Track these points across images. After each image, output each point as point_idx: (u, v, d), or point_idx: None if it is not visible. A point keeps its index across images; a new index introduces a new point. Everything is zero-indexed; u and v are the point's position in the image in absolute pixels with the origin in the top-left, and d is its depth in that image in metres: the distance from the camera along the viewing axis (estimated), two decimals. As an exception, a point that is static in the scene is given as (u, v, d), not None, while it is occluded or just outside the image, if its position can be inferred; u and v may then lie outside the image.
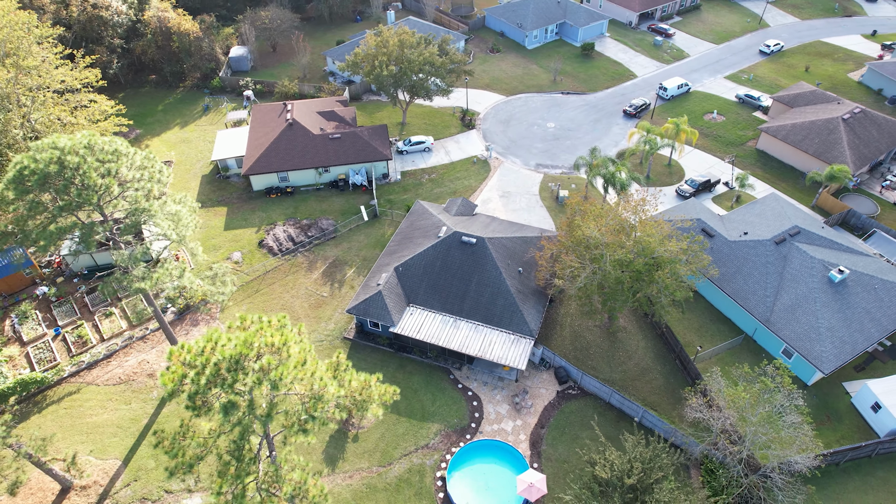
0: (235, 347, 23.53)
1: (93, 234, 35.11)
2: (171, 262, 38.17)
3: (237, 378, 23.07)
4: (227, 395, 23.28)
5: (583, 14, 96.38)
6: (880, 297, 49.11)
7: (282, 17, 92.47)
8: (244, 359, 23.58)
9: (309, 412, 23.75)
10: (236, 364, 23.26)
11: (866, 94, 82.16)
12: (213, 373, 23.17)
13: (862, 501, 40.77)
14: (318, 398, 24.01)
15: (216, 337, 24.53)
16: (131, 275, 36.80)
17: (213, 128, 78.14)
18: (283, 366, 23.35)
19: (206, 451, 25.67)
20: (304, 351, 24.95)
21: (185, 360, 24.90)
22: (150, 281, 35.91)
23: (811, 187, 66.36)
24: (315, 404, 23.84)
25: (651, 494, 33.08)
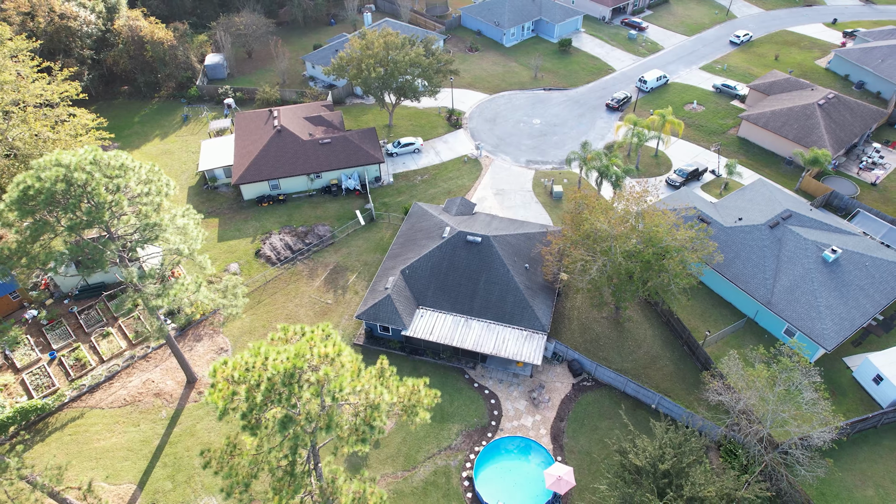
0: (288, 361, 23.04)
1: (106, 253, 33.87)
2: (185, 277, 37.12)
3: (294, 392, 22.61)
4: (283, 410, 22.79)
5: (558, 11, 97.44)
6: (871, 274, 51.07)
7: (256, 22, 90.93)
8: (299, 372, 23.11)
9: (367, 422, 23.43)
10: (291, 378, 22.79)
11: (834, 79, 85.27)
12: (268, 388, 22.65)
13: (873, 470, 42.37)
14: (374, 407, 23.73)
15: (265, 351, 23.99)
16: (145, 293, 35.68)
17: (195, 138, 76.34)
18: (340, 377, 22.99)
19: (258, 468, 25.07)
20: (356, 360, 24.62)
21: (231, 377, 24.29)
22: (168, 297, 34.89)
23: (793, 171, 68.58)
24: (372, 413, 23.54)
25: (686, 478, 33.73)
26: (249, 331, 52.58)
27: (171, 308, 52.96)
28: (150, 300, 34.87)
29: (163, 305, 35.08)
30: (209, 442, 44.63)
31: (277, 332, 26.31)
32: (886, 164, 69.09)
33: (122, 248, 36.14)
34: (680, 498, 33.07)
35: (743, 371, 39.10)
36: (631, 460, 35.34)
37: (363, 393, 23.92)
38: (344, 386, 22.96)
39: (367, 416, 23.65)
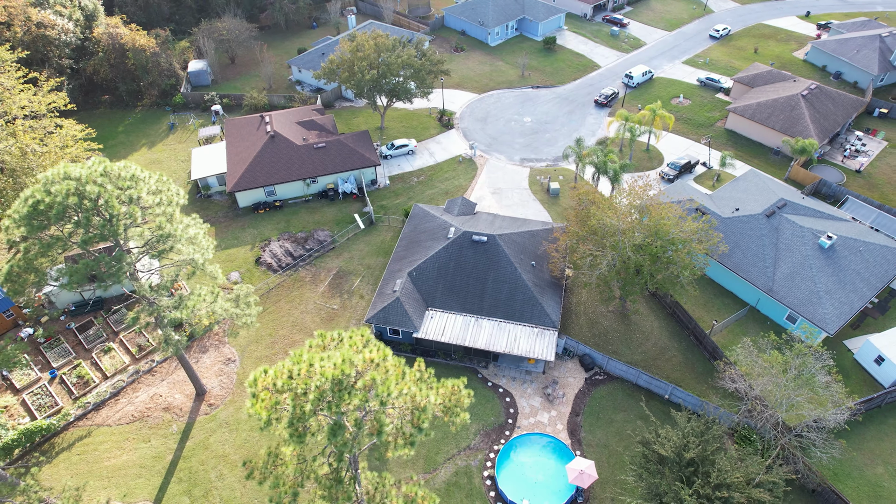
0: (336, 367, 22.80)
1: (123, 267, 33.05)
2: (200, 288, 36.47)
3: (343, 398, 22.39)
4: (333, 417, 22.56)
5: (541, 9, 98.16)
6: (866, 259, 52.56)
7: (239, 27, 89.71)
8: (346, 378, 22.89)
9: (416, 424, 23.33)
10: (339, 384, 22.57)
11: (812, 71, 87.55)
12: (317, 396, 22.38)
13: (880, 449, 43.64)
14: (422, 409, 23.64)
15: (309, 358, 23.70)
16: (159, 305, 34.95)
17: (183, 146, 75.01)
18: (388, 381, 22.84)
19: (304, 478, 24.76)
20: (399, 363, 24.51)
21: (272, 386, 23.97)
22: (187, 309, 34.23)
23: (781, 161, 70.23)
24: (420, 415, 23.45)
25: (712, 465, 34.31)
26: (256, 340, 51.88)
27: (183, 320, 52.35)
28: (168, 313, 34.14)
29: (182, 318, 34.39)
30: (224, 454, 43.93)
31: (315, 338, 25.98)
32: (869, 152, 71.18)
33: (134, 260, 35.34)
34: (707, 485, 33.62)
35: (757, 358, 39.89)
36: (656, 450, 35.80)
37: (408, 395, 23.80)
38: (392, 390, 22.82)
39: (414, 419, 23.54)
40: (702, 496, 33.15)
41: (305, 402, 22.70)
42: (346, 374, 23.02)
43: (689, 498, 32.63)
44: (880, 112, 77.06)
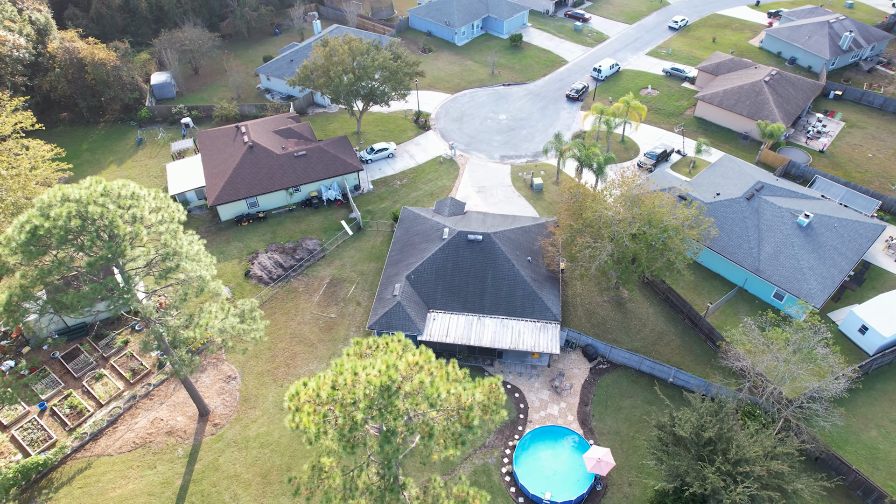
0: (382, 374, 22.61)
1: (132, 288, 31.84)
2: (212, 305, 35.51)
3: (394, 404, 22.23)
4: (384, 424, 22.37)
5: (505, 7, 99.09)
6: (841, 234, 55.17)
7: (201, 37, 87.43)
8: (394, 383, 22.73)
9: (466, 423, 23.36)
10: (388, 390, 22.39)
11: (768, 57, 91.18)
12: (368, 404, 22.15)
13: (872, 413, 45.91)
14: (469, 408, 23.68)
15: (352, 367, 23.43)
16: (170, 326, 33.87)
17: (155, 162, 72.72)
18: (435, 383, 22.79)
19: (353, 488, 24.43)
20: (441, 365, 24.47)
21: (317, 398, 23.60)
22: (200, 328, 33.26)
23: (750, 145, 72.93)
24: (468, 414, 23.50)
25: (729, 443, 35.43)
26: (255, 355, 50.78)
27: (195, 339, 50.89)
28: (179, 333, 33.11)
29: (195, 337, 33.40)
30: (236, 474, 42.88)
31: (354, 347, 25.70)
32: (830, 132, 74.63)
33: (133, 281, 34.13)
34: (727, 462, 34.72)
35: (760, 335, 41.41)
36: (676, 432, 36.75)
37: (454, 395, 23.81)
38: (440, 391, 22.79)
39: (462, 418, 23.56)
40: (724, 473, 34.20)
41: (356, 411, 22.44)
42: (393, 379, 22.87)
43: (713, 476, 33.62)
44: (835, 94, 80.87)
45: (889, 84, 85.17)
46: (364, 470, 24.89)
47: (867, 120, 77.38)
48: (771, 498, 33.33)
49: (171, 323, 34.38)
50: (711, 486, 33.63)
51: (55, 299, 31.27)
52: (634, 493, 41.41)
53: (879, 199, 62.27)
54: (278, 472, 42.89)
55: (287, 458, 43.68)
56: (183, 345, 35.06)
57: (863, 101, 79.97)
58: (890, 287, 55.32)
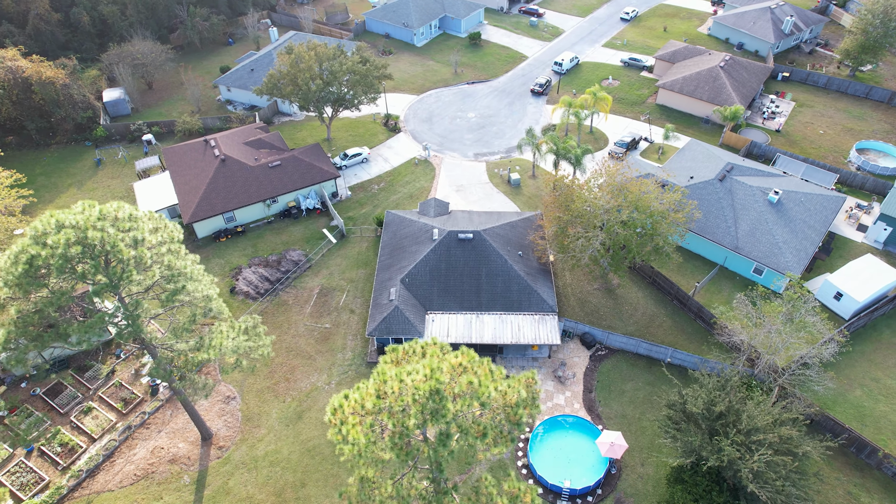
0: (429, 378, 22.52)
1: (140, 315, 30.49)
2: (220, 324, 34.42)
3: (446, 407, 22.19)
4: (438, 427, 22.32)
5: (461, 6, 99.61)
6: (808, 208, 58.09)
7: (154, 50, 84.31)
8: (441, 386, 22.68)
9: (514, 420, 23.55)
10: (437, 393, 22.33)
11: (717, 44, 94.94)
12: (419, 409, 22.03)
13: (854, 373, 48.59)
14: (516, 405, 23.87)
15: (396, 374, 23.24)
16: (180, 350, 32.68)
17: (119, 182, 69.81)
18: (484, 383, 22.88)
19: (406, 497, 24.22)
20: (484, 363, 24.56)
21: (362, 409, 23.32)
22: (214, 350, 32.21)
23: (711, 129, 75.83)
24: (517, 411, 23.69)
25: (739, 415, 36.87)
26: (252, 372, 49.44)
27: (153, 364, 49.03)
28: (197, 355, 31.97)
29: (210, 358, 32.33)
30: (249, 496, 41.75)
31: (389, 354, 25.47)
32: (783, 112, 78.39)
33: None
34: (739, 433, 36.13)
35: (753, 310, 43.23)
36: (687, 409, 37.97)
37: (500, 393, 23.95)
38: (490, 391, 22.90)
39: (510, 415, 23.74)
40: (738, 444, 35.57)
41: (406, 418, 22.29)
42: (441, 382, 22.83)
43: (729, 448, 34.92)
44: (783, 76, 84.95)
45: (829, 64, 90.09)
46: (413, 475, 24.73)
47: (814, 99, 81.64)
48: (784, 463, 34.88)
49: (178, 347, 33.15)
50: (728, 457, 34.92)
51: (58, 332, 29.65)
52: (648, 472, 42.57)
53: (836, 173, 65.86)
54: (293, 490, 42.02)
55: (300, 474, 42.84)
56: (195, 368, 33.84)
57: (808, 82, 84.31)
58: (855, 254, 58.60)
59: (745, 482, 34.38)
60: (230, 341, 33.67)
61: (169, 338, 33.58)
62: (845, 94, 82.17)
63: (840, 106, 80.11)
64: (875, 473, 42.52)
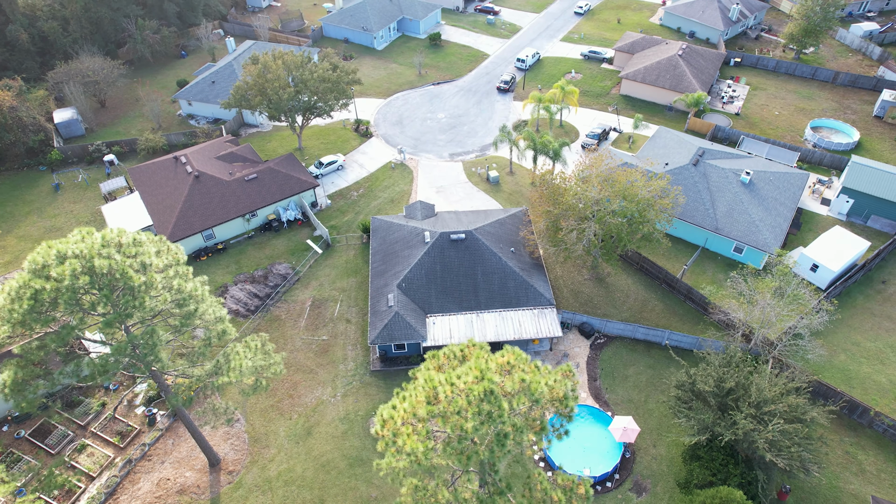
0: (481, 380, 22.48)
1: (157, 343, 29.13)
2: (236, 345, 33.32)
3: (502, 406, 22.20)
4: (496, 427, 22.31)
5: (418, 7, 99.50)
6: (777, 186, 60.82)
7: (106, 66, 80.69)
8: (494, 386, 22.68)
9: (563, 413, 23.78)
10: (490, 394, 22.34)
11: (670, 33, 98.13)
12: (475, 412, 21.97)
13: (836, 339, 51.13)
14: (565, 398, 24.12)
15: (446, 378, 23.10)
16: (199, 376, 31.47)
17: (82, 206, 66.56)
18: (536, 380, 23.01)
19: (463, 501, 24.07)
20: (527, 360, 24.68)
21: (414, 417, 23.09)
22: (234, 372, 31.15)
23: (676, 116, 78.33)
24: (567, 403, 23.95)
25: (747, 389, 38.31)
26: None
27: (145, 392, 47.16)
28: (218, 378, 30.84)
29: (231, 381, 31.26)
30: (267, 519, 40.64)
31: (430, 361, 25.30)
32: (740, 96, 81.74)
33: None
34: (750, 406, 37.54)
35: (747, 287, 44.96)
36: (697, 387, 39.18)
37: (549, 388, 24.14)
38: (542, 387, 23.07)
39: (560, 409, 23.97)
40: (751, 417, 36.94)
41: (464, 421, 22.20)
42: (493, 381, 22.85)
43: (744, 421, 36.25)
44: (735, 61, 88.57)
45: (775, 48, 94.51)
46: (468, 478, 24.64)
47: (766, 82, 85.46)
48: (795, 430, 36.45)
49: (194, 373, 31.93)
50: (743, 430, 36.23)
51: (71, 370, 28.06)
52: (661, 452, 43.70)
53: (797, 151, 69.16)
54: (312, 507, 41.15)
55: (317, 491, 41.98)
56: (216, 393, 32.66)
57: (759, 66, 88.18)
58: (822, 227, 61.71)
59: (761, 452, 35.78)
60: (249, 361, 32.64)
61: (183, 364, 32.30)
62: (793, 76, 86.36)
63: (790, 87, 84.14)
64: (868, 431, 44.94)
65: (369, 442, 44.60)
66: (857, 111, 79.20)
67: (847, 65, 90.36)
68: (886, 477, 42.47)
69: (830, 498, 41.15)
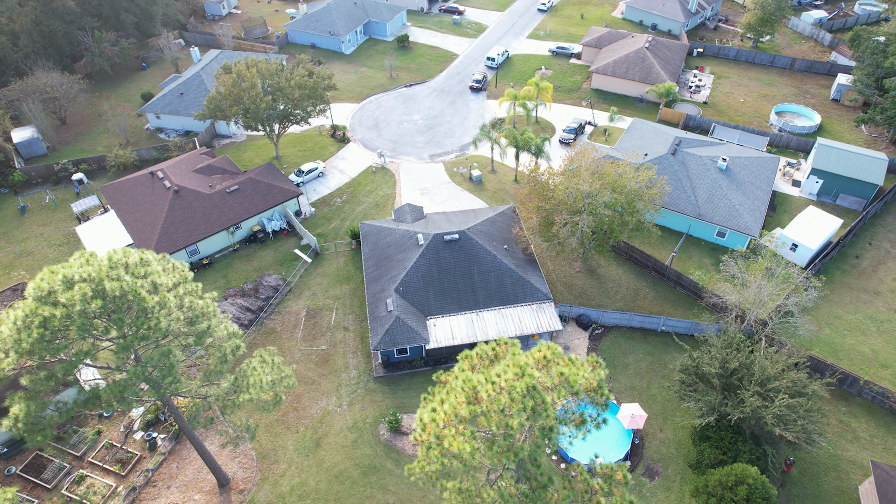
0: (523, 376, 22.62)
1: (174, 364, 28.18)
2: (251, 360, 32.54)
3: (546, 401, 22.39)
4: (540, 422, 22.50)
5: (384, 9, 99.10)
6: (752, 171, 62.94)
7: (66, 81, 77.62)
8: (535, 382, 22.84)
9: (599, 403, 24.17)
10: (533, 389, 22.49)
11: (633, 26, 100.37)
12: (520, 408, 22.09)
13: (819, 315, 53.28)
14: (601, 388, 24.49)
15: (487, 377, 23.14)
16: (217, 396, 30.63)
17: (51, 229, 63.88)
18: (575, 373, 23.28)
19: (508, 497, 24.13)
20: (560, 353, 24.93)
21: (456, 418, 23.08)
22: (255, 388, 30.42)
23: (646, 107, 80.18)
24: (601, 393, 24.32)
25: (747, 368, 39.58)
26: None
27: (141, 414, 45.80)
28: (233, 399, 30.06)
29: (252, 397, 30.53)
30: (285, 535, 39.87)
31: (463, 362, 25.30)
32: (706, 85, 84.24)
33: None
34: (753, 383, 38.79)
35: (740, 270, 46.41)
36: (702, 370, 40.26)
37: (586, 380, 24.46)
38: (580, 379, 23.36)
39: (596, 398, 24.33)
40: (757, 394, 38.19)
41: (509, 418, 22.30)
42: (534, 377, 23.02)
43: (751, 398, 37.44)
44: (698, 52, 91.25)
45: (733, 38, 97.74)
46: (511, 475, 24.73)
47: (729, 70, 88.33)
48: (800, 404, 37.85)
49: (211, 392, 31.06)
50: (750, 407, 37.41)
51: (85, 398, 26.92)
52: (668, 436, 44.73)
53: (766, 136, 71.72)
54: (330, 520, 40.58)
55: (333, 502, 41.41)
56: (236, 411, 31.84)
57: (720, 55, 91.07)
58: (795, 208, 64.18)
59: (770, 427, 37.02)
60: (268, 376, 31.95)
61: (197, 384, 31.39)
62: (754, 64, 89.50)
63: (751, 75, 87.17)
64: (858, 400, 46.99)
65: (381, 449, 44.26)
66: (815, 95, 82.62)
67: (801, 51, 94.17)
68: (879, 441, 44.50)
69: (831, 466, 42.89)
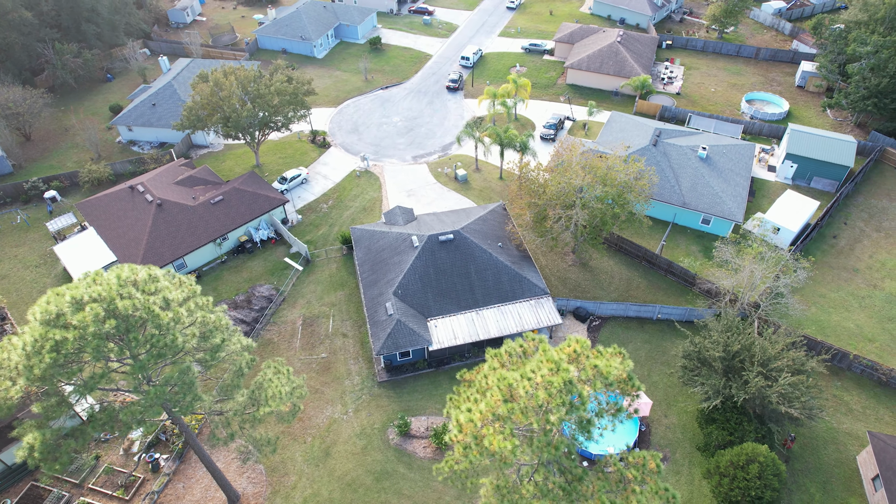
0: (555, 372, 22.77)
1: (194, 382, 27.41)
2: (266, 371, 31.89)
3: (583, 395, 22.60)
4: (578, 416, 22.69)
5: (354, 12, 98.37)
6: (731, 158, 64.65)
7: (29, 96, 74.77)
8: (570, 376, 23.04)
9: (630, 393, 24.55)
10: (570, 383, 22.68)
11: (601, 21, 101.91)
12: (559, 403, 22.26)
13: (805, 294, 55.09)
14: (630, 379, 24.84)
15: (521, 374, 23.23)
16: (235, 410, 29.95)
17: (26, 249, 61.51)
18: (607, 366, 23.55)
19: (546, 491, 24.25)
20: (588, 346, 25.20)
21: (492, 416, 23.11)
22: (275, 400, 29.83)
23: (622, 100, 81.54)
24: (633, 383, 24.70)
25: (748, 349, 40.66)
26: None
27: (144, 429, 44.60)
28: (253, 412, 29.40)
29: (272, 410, 29.92)
30: (302, 548, 39.24)
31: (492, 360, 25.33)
32: (678, 76, 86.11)
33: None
34: (757, 365, 39.87)
35: (733, 256, 47.63)
36: (704, 354, 41.18)
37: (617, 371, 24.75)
38: (613, 370, 23.65)
39: (628, 389, 24.69)
40: (761, 374, 39.25)
41: (547, 413, 22.44)
42: (569, 371, 23.21)
43: (755, 379, 38.46)
44: (667, 44, 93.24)
45: (699, 29, 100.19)
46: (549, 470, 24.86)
47: (698, 62, 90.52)
48: (801, 381, 39.06)
49: (229, 407, 30.34)
50: (755, 387, 38.43)
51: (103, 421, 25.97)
52: (673, 421, 45.61)
53: (740, 124, 73.74)
54: (346, 529, 40.11)
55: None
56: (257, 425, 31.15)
57: (689, 47, 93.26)
58: (773, 192, 66.16)
59: (775, 406, 38.10)
60: (284, 386, 31.38)
61: (211, 401, 30.62)
62: (721, 54, 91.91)
63: (720, 65, 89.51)
64: (848, 374, 48.74)
65: (392, 454, 43.95)
66: (781, 83, 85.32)
67: (764, 41, 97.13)
68: (871, 413, 46.24)
69: (829, 439, 44.38)
